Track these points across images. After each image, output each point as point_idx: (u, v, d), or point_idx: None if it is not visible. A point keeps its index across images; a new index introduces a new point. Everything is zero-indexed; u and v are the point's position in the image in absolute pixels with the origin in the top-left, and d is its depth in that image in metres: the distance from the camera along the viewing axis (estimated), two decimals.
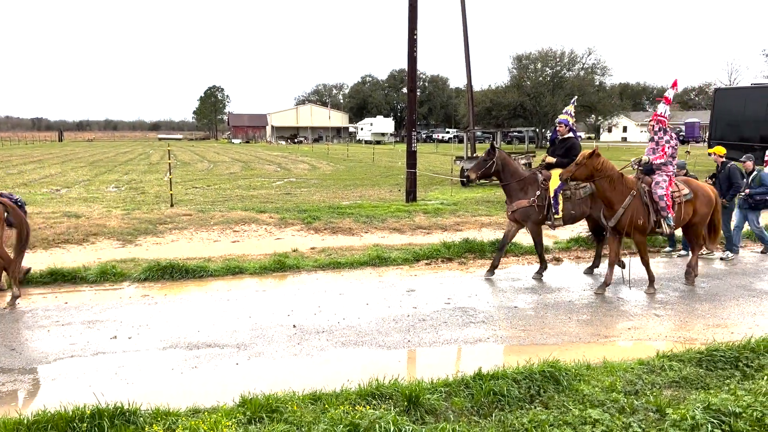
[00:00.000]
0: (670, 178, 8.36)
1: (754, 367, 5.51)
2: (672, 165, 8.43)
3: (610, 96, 63.28)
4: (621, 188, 8.06)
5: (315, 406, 4.68)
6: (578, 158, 7.97)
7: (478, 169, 9.10)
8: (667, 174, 8.34)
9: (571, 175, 7.97)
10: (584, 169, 7.90)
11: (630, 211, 8.06)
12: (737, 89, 30.76)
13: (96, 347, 6.48)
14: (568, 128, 9.36)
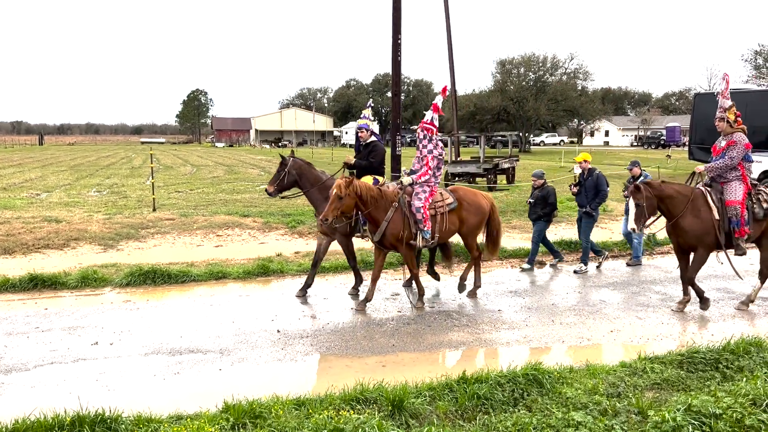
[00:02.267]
0: (432, 188, 7.87)
1: (733, 368, 5.58)
2: (436, 177, 7.93)
3: (592, 100, 63.82)
4: (383, 203, 7.64)
5: (299, 412, 4.66)
6: (335, 192, 7.29)
7: (273, 183, 8.47)
8: (429, 185, 7.84)
9: (337, 212, 7.30)
10: (348, 199, 7.32)
11: (391, 224, 7.65)
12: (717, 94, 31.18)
13: (77, 353, 6.40)
14: (369, 132, 8.91)
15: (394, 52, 16.64)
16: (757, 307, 8.16)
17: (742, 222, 7.47)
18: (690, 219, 7.48)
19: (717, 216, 7.52)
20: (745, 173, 7.69)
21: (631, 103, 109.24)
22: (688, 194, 7.55)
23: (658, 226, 8.02)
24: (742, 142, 7.69)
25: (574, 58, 65.43)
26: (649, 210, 7.41)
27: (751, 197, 7.69)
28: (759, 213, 7.66)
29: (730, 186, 7.63)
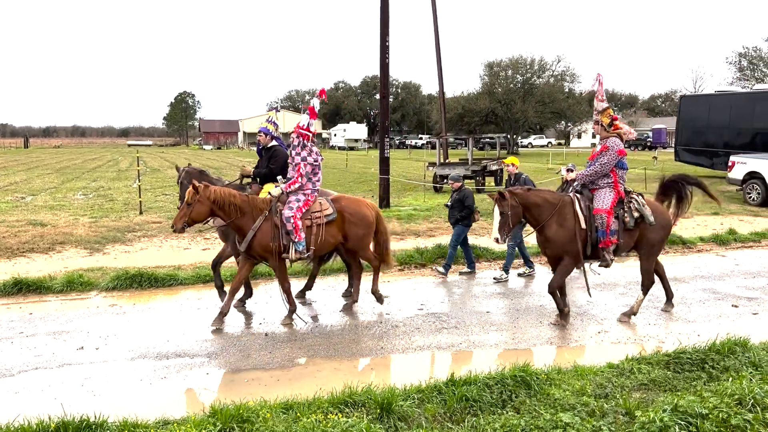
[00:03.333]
0: (308, 197, 7.39)
1: (719, 368, 5.62)
2: (314, 184, 7.46)
3: (579, 102, 64.11)
4: (251, 212, 7.18)
5: (287, 415, 4.64)
6: (187, 198, 6.88)
7: (180, 199, 7.91)
8: (305, 193, 7.39)
9: (186, 218, 6.87)
10: (200, 206, 6.89)
11: (259, 234, 7.17)
12: (702, 96, 31.48)
13: (62, 359, 6.33)
14: (270, 137, 8.43)
15: (382, 54, 16.68)
16: (742, 307, 8.23)
17: (607, 232, 7.09)
18: (555, 228, 7.08)
19: (584, 225, 7.13)
20: (617, 180, 7.32)
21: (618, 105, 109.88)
22: (556, 202, 7.16)
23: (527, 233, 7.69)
24: (615, 147, 7.29)
25: (561, 60, 65.61)
26: (513, 219, 6.99)
27: (622, 205, 7.30)
28: (630, 222, 7.25)
29: (600, 194, 7.28)
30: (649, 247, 7.50)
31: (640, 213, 7.27)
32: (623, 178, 7.44)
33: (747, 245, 12.55)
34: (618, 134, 7.40)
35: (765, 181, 17.80)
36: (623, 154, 7.35)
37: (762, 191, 17.93)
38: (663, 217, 7.55)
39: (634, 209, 7.27)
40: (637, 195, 7.44)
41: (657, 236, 7.45)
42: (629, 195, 7.40)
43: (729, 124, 24.36)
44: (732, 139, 23.90)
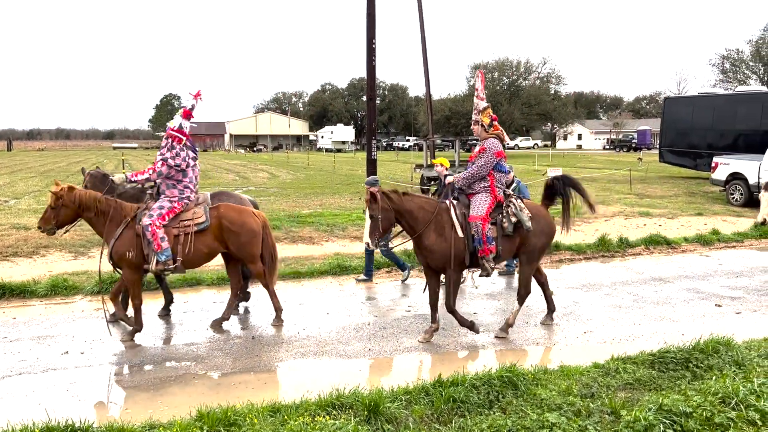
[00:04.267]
0: (174, 205, 6.90)
1: (703, 367, 5.68)
2: (179, 189, 6.98)
3: (564, 104, 64.63)
4: (116, 216, 6.78)
5: (274, 418, 4.63)
6: (50, 201, 6.65)
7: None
8: (171, 199, 6.92)
9: (51, 222, 6.69)
10: (66, 210, 6.65)
11: (119, 242, 6.74)
12: (685, 98, 31.83)
13: (46, 363, 6.27)
14: None
15: (369, 56, 16.69)
16: (726, 306, 8.33)
17: (483, 240, 6.64)
18: (433, 237, 6.66)
19: (460, 233, 6.70)
20: (494, 184, 6.89)
21: (603, 107, 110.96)
22: (432, 209, 6.72)
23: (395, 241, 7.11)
24: (493, 149, 6.88)
25: (547, 62, 66.26)
26: (384, 223, 6.53)
27: (501, 210, 6.88)
28: (508, 228, 6.81)
29: (476, 199, 6.86)
30: (528, 253, 7.05)
31: (517, 218, 6.81)
32: (501, 181, 7.00)
33: (730, 245, 12.70)
34: (497, 135, 7.02)
35: (748, 182, 18.01)
36: (501, 156, 6.94)
37: (745, 192, 18.14)
38: (544, 222, 7.10)
39: (511, 214, 6.82)
40: (515, 198, 7.02)
41: (538, 242, 7.01)
42: (507, 199, 6.99)
43: (712, 125, 24.65)
44: (715, 140, 24.18)
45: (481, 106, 7.14)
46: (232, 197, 8.18)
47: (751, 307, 8.34)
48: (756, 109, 22.87)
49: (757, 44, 55.41)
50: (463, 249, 6.72)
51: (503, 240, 6.85)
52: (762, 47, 55.15)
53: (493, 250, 6.75)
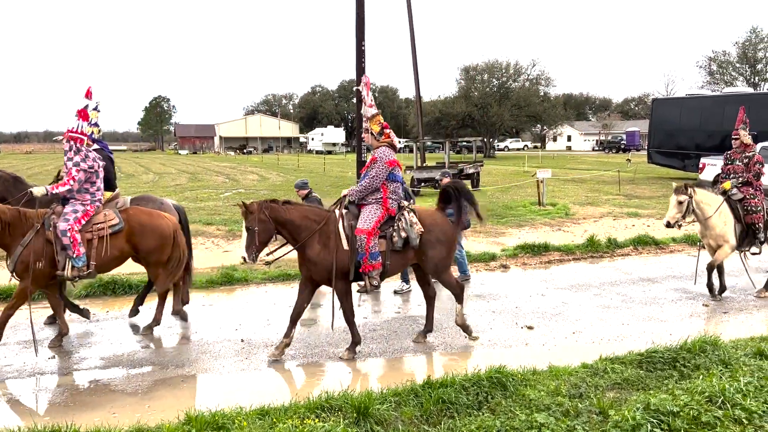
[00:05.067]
0: (87, 208, 6.66)
1: (690, 367, 5.72)
2: (91, 193, 6.72)
3: (554, 106, 64.85)
4: (20, 225, 6.42)
5: (263, 422, 4.61)
6: None
7: None
8: (83, 203, 6.65)
9: None
10: None
11: (26, 251, 6.36)
12: (674, 99, 32.09)
13: (33, 368, 6.22)
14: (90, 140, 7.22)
15: (358, 58, 16.69)
16: (713, 306, 8.40)
17: (366, 254, 6.25)
18: (317, 248, 6.29)
19: (346, 246, 6.33)
20: (386, 196, 6.48)
21: (592, 109, 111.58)
22: (318, 219, 6.36)
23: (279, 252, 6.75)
24: (385, 158, 6.49)
25: (536, 64, 66.28)
26: (263, 236, 6.15)
27: (393, 224, 6.50)
28: (398, 243, 6.45)
29: (365, 211, 6.45)
30: (433, 266, 6.72)
31: (407, 233, 6.44)
32: (396, 192, 6.60)
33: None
34: (389, 143, 6.64)
35: None
36: (394, 164, 6.54)
37: None
38: (440, 230, 6.68)
39: (401, 228, 6.44)
40: (408, 211, 6.58)
41: (438, 253, 6.64)
42: (401, 211, 6.57)
43: (700, 126, 24.86)
44: (703, 141, 24.39)
45: (369, 114, 6.76)
46: (153, 202, 7.86)
47: (737, 306, 8.41)
48: None
49: (743, 46, 55.99)
50: (347, 262, 6.33)
51: (393, 255, 6.49)
52: (748, 49, 55.73)
53: (378, 266, 6.36)
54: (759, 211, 8.57)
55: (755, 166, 8.72)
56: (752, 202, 8.60)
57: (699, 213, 8.43)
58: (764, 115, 22.12)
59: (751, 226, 8.63)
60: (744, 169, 8.77)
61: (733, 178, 8.81)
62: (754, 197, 8.63)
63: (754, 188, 8.70)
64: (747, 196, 8.65)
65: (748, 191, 8.68)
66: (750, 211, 8.59)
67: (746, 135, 8.86)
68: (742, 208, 8.62)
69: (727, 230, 8.48)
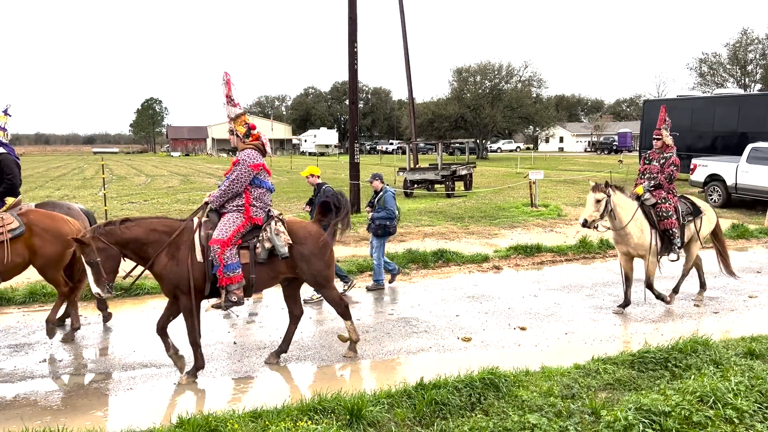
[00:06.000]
0: None
1: (681, 367, 5.75)
2: None
3: (546, 107, 65.03)
4: None
5: (255, 424, 4.60)
6: None
7: None
8: None
9: None
10: None
11: None
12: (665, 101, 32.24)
13: (24, 372, 6.18)
14: None
15: (351, 60, 16.72)
16: (704, 306, 8.45)
17: (221, 266, 5.71)
18: (164, 260, 5.70)
19: (200, 257, 5.76)
20: (249, 202, 5.99)
21: (584, 110, 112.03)
22: (169, 231, 5.79)
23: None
24: (248, 161, 5.98)
25: (529, 66, 66.76)
26: (109, 264, 5.50)
27: (258, 233, 5.99)
28: (262, 254, 5.93)
29: (224, 219, 5.91)
30: (311, 279, 6.27)
31: (272, 243, 5.96)
32: (262, 199, 6.09)
33: (708, 246, 12.83)
34: (256, 146, 6.14)
35: (725, 184, 18.29)
36: (260, 168, 6.05)
37: (722, 193, 18.42)
38: (313, 242, 6.18)
39: (266, 239, 5.95)
40: (277, 221, 6.10)
41: (316, 266, 6.17)
42: (270, 220, 6.09)
43: (691, 127, 24.98)
44: (694, 142, 24.51)
45: (233, 113, 6.17)
46: (60, 206, 7.57)
47: (728, 306, 8.46)
48: (733, 111, 23.25)
49: (734, 48, 56.29)
50: (200, 276, 5.75)
51: (258, 267, 5.97)
52: (739, 51, 56.03)
53: (238, 279, 5.80)
54: (671, 216, 8.13)
55: (669, 168, 8.24)
56: (664, 206, 8.14)
57: (615, 215, 7.91)
58: (754, 116, 22.29)
59: (666, 232, 8.17)
60: (659, 170, 8.31)
61: (647, 180, 8.34)
62: (665, 201, 8.16)
63: (666, 191, 8.23)
64: (659, 201, 8.18)
65: (659, 195, 8.21)
66: (663, 217, 8.13)
67: (668, 135, 8.42)
68: (656, 214, 8.16)
69: (644, 238, 8.01)
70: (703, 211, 8.70)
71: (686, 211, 8.44)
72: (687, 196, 8.73)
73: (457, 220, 15.62)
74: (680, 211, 8.34)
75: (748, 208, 17.88)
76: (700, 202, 8.77)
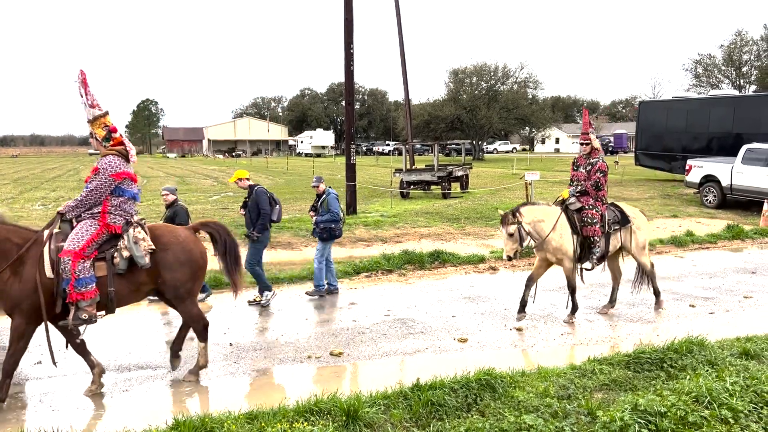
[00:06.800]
0: None
1: (677, 367, 5.76)
2: None
3: (542, 109, 65.11)
4: None
5: (251, 425, 4.59)
6: None
7: None
8: None
9: None
10: None
11: None
12: (660, 102, 32.31)
13: (19, 374, 6.14)
14: None
15: (347, 61, 16.72)
16: (699, 307, 8.47)
17: (72, 280, 5.19)
18: (6, 275, 5.19)
19: (49, 272, 5.24)
20: (106, 210, 5.47)
21: (580, 111, 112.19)
22: (21, 241, 5.30)
23: None
24: (109, 169, 5.48)
25: (524, 67, 66.55)
26: None
27: (117, 243, 5.49)
28: (120, 264, 5.44)
29: (77, 228, 5.41)
30: (172, 290, 5.73)
31: (130, 252, 5.45)
32: (122, 207, 5.57)
33: (704, 246, 12.92)
34: (119, 152, 5.59)
35: (721, 184, 18.35)
36: (122, 177, 5.54)
37: (718, 194, 18.48)
38: (181, 250, 5.74)
39: (123, 247, 5.45)
40: (136, 227, 5.57)
41: (177, 276, 5.67)
42: (128, 227, 5.55)
43: (686, 128, 25.06)
44: (689, 143, 24.59)
45: (92, 115, 5.58)
46: None
47: (724, 307, 8.48)
48: (728, 112, 23.33)
49: (729, 49, 56.51)
50: (48, 292, 5.25)
51: (118, 280, 5.48)
52: (733, 52, 56.26)
53: (91, 294, 5.29)
54: (595, 223, 7.68)
55: (596, 174, 7.77)
56: (589, 213, 7.71)
57: (534, 234, 7.55)
58: (749, 117, 22.37)
59: (587, 239, 7.75)
60: (586, 177, 7.87)
61: (574, 186, 7.93)
62: (592, 208, 7.73)
63: (594, 198, 7.81)
64: (585, 207, 7.76)
65: (587, 201, 7.78)
66: (587, 223, 7.70)
67: (596, 139, 8.04)
68: (579, 220, 7.75)
69: (563, 242, 7.60)
70: (632, 221, 8.12)
71: (613, 220, 7.98)
72: (618, 203, 8.30)
73: (453, 221, 15.63)
74: (606, 220, 7.88)
75: (743, 208, 17.95)
76: (631, 211, 8.27)
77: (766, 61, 55.12)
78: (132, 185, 5.70)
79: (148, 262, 5.51)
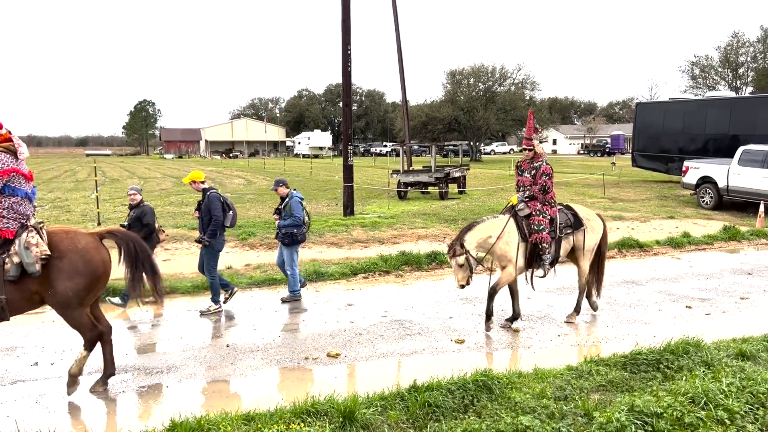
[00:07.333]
0: None
1: (673, 368, 5.78)
2: None
3: (539, 110, 65.21)
4: None
5: (248, 427, 4.59)
6: None
7: None
8: None
9: None
10: None
11: None
12: (657, 103, 32.40)
13: (15, 375, 6.14)
14: None
15: (344, 62, 16.72)
16: (696, 308, 8.48)
17: None
18: None
19: None
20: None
21: (578, 113, 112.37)
22: None
23: None
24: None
25: (522, 68, 66.70)
26: None
27: (9, 248, 5.18)
28: (11, 271, 5.12)
29: None
30: (61, 300, 5.36)
31: (20, 258, 5.13)
32: (15, 208, 5.28)
33: (700, 248, 12.94)
34: (7, 148, 5.27)
35: (717, 186, 18.40)
36: (11, 173, 5.22)
37: (714, 195, 18.52)
38: (79, 258, 5.41)
39: (14, 253, 5.14)
40: (30, 231, 5.25)
41: (69, 285, 5.32)
42: (23, 231, 5.25)
43: (683, 130, 25.14)
44: (686, 144, 24.67)
45: None
46: None
47: (720, 308, 8.50)
48: (725, 114, 23.41)
49: (725, 51, 56.67)
50: None
51: (10, 287, 5.17)
52: (730, 54, 56.41)
53: None
54: (543, 230, 7.44)
55: (541, 178, 7.55)
56: (537, 219, 7.47)
57: (483, 252, 7.43)
58: (746, 118, 22.44)
59: (536, 246, 7.49)
60: (531, 182, 7.65)
61: (522, 191, 7.71)
62: (539, 213, 7.50)
63: (542, 203, 7.57)
64: (533, 212, 7.52)
65: (534, 206, 7.54)
66: (534, 230, 7.47)
67: (539, 145, 7.82)
68: (527, 226, 7.50)
69: (509, 249, 7.38)
70: (585, 224, 7.93)
71: (565, 224, 7.78)
72: (571, 205, 8.09)
73: (450, 222, 15.64)
74: (557, 224, 7.67)
75: (740, 209, 17.99)
76: (584, 213, 8.06)
77: (762, 63, 55.27)
78: (24, 183, 5.33)
79: (38, 270, 5.17)
